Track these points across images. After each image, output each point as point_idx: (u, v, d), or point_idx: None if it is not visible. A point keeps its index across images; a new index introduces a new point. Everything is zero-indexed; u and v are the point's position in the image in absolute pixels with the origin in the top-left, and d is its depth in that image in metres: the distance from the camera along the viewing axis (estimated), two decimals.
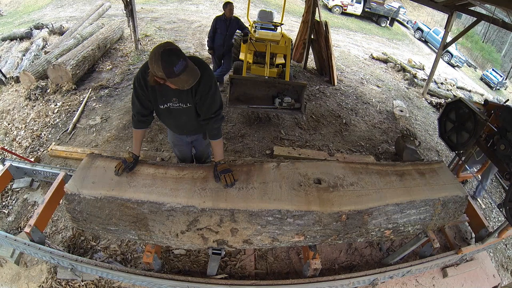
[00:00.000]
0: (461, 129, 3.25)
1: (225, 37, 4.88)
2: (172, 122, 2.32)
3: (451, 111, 3.39)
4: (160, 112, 2.19)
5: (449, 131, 3.43)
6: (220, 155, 2.27)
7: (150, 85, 1.86)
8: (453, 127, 3.36)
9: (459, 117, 3.26)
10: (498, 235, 2.88)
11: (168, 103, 2.06)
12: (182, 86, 1.75)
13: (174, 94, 1.99)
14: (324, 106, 5.68)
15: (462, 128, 3.23)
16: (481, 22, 5.31)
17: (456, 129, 3.31)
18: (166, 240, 2.19)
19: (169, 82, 1.73)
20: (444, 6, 5.57)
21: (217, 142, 2.26)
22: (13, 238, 2.53)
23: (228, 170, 2.19)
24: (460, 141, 3.27)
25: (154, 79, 1.76)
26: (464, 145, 3.24)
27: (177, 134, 2.53)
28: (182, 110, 2.11)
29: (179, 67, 1.65)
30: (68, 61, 5.21)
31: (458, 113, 3.28)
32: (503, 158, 2.83)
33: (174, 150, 2.86)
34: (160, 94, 2.00)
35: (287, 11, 11.17)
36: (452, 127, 3.37)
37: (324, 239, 2.29)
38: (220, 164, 2.23)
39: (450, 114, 3.41)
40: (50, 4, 12.54)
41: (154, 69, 1.68)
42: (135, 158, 2.27)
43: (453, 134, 3.37)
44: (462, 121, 3.21)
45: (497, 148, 2.89)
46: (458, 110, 3.28)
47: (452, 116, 3.38)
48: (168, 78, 1.68)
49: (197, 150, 2.80)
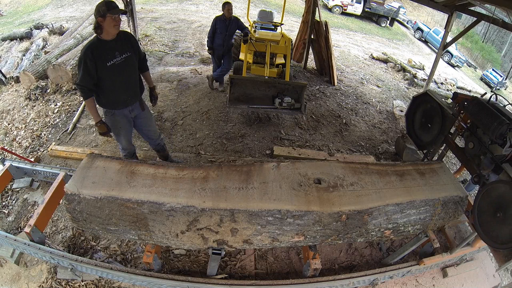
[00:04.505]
0: (429, 126, 2.93)
1: (225, 37, 4.88)
2: (118, 79, 2.61)
3: (419, 106, 3.06)
4: (108, 73, 2.51)
5: (417, 128, 3.11)
6: (152, 82, 3.12)
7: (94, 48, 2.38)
8: (421, 124, 3.03)
9: (427, 112, 2.94)
10: (472, 245, 2.68)
11: (113, 60, 2.49)
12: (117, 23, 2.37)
13: (115, 48, 2.49)
14: (324, 106, 5.67)
15: (431, 125, 2.90)
16: (481, 22, 5.30)
17: (424, 126, 2.99)
18: (166, 240, 2.19)
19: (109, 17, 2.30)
20: (444, 6, 5.57)
21: (148, 72, 3.03)
22: (13, 238, 2.53)
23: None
24: (428, 139, 2.96)
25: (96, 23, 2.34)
26: (431, 143, 2.92)
27: (120, 106, 2.75)
28: (125, 61, 2.57)
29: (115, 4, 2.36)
30: (68, 61, 5.20)
31: (426, 108, 2.95)
32: (472, 158, 2.53)
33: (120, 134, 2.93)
34: (104, 54, 2.44)
35: (287, 11, 11.17)
36: (420, 124, 3.05)
37: (324, 239, 2.29)
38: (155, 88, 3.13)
39: (418, 110, 3.08)
40: (50, 4, 12.54)
41: (98, 9, 2.30)
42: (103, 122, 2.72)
43: (421, 131, 3.05)
44: (430, 116, 2.90)
45: (466, 146, 2.58)
46: (425, 105, 2.95)
47: (420, 111, 3.05)
48: (108, 11, 2.28)
49: (142, 125, 3.07)
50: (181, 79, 5.85)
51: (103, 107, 2.74)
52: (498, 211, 2.01)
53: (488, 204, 2.12)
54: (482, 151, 2.43)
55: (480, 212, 2.16)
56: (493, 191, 2.10)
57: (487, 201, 2.13)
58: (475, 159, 2.50)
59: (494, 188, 2.10)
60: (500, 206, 2.01)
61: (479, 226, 2.14)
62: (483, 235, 2.11)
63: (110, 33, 2.42)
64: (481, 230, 2.13)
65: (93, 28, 2.44)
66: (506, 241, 1.92)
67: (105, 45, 2.44)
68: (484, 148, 2.38)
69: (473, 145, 2.48)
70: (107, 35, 2.42)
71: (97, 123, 2.68)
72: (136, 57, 2.71)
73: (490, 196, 2.12)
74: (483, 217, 2.13)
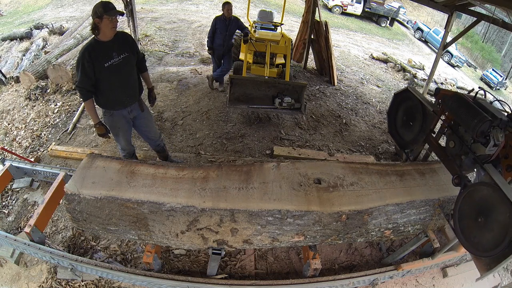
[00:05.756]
0: (411, 124, 2.78)
1: (225, 37, 4.88)
2: (117, 80, 2.60)
3: (400, 104, 2.92)
4: (106, 74, 2.50)
5: (399, 126, 2.97)
6: (151, 82, 3.12)
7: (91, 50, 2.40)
8: (403, 122, 2.89)
9: (409, 109, 2.80)
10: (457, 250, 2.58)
11: (111, 60, 2.49)
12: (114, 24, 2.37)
13: (113, 49, 2.49)
14: (324, 106, 5.67)
15: (413, 122, 2.76)
16: (481, 22, 5.29)
17: (406, 124, 2.85)
18: (166, 240, 2.19)
19: (105, 18, 2.30)
20: (444, 6, 5.56)
21: (147, 73, 3.01)
22: (13, 238, 2.54)
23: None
24: (410, 137, 2.82)
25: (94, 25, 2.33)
26: (412, 142, 2.78)
27: (119, 107, 2.75)
28: (123, 62, 2.56)
29: (112, 5, 2.36)
30: (68, 61, 5.21)
31: (407, 105, 2.81)
32: (453, 158, 2.36)
33: (119, 135, 2.92)
34: (102, 55, 2.44)
35: (287, 11, 11.16)
36: (402, 122, 2.91)
37: (324, 239, 2.29)
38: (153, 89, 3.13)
39: (400, 107, 2.95)
40: (50, 4, 12.54)
41: (95, 10, 2.29)
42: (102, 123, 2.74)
43: (403, 129, 2.91)
44: (412, 114, 2.76)
45: (446, 145, 2.42)
46: (407, 102, 2.82)
47: (401, 109, 2.92)
48: (105, 12, 2.28)
49: (142, 126, 3.06)
50: (181, 79, 5.86)
51: (102, 108, 2.74)
52: (480, 216, 1.87)
53: (469, 208, 1.97)
54: (464, 151, 2.26)
55: (461, 216, 2.01)
56: (475, 194, 1.95)
57: (468, 204, 1.99)
58: (456, 159, 2.33)
59: (476, 190, 1.95)
60: (481, 211, 1.88)
61: (460, 231, 2.01)
62: (464, 241, 1.98)
63: (107, 34, 2.42)
64: (462, 236, 2.00)
65: (90, 29, 2.45)
66: (488, 248, 1.79)
67: (102, 46, 2.44)
68: (465, 147, 2.22)
69: (454, 144, 2.31)
70: (104, 36, 2.42)
71: (96, 125, 2.69)
72: (134, 57, 2.71)
73: (472, 199, 1.97)
74: (464, 221, 1.99)
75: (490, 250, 1.78)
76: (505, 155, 2.04)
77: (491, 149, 2.05)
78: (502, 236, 1.70)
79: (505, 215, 1.71)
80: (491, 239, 1.78)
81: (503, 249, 1.69)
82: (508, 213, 1.69)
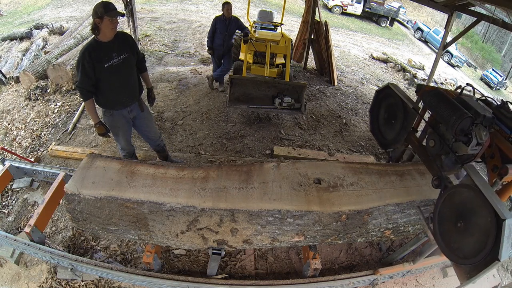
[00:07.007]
0: (393, 122, 2.69)
1: (225, 37, 4.88)
2: (117, 80, 2.60)
3: (382, 101, 2.83)
4: (106, 74, 2.51)
5: (381, 124, 2.86)
6: (150, 83, 3.10)
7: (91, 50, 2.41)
8: (385, 120, 2.80)
9: (390, 107, 2.71)
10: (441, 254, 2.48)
11: (111, 61, 2.50)
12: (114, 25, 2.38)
13: (113, 49, 2.49)
14: (324, 106, 5.67)
15: (394, 121, 2.66)
16: (481, 22, 5.30)
17: (388, 122, 2.75)
18: (166, 240, 2.19)
19: (106, 18, 2.30)
20: (444, 6, 5.56)
21: (146, 73, 3.01)
22: (13, 238, 2.54)
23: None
24: (391, 136, 2.72)
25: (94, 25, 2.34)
26: (393, 141, 2.68)
27: (119, 107, 2.75)
28: (123, 62, 2.57)
29: (113, 6, 2.37)
30: (68, 61, 5.20)
31: (389, 103, 2.72)
32: (433, 157, 2.24)
33: (119, 135, 2.93)
34: (102, 56, 2.45)
35: (287, 11, 11.16)
36: (384, 120, 2.82)
37: (324, 239, 2.29)
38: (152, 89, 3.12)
39: (382, 105, 2.85)
40: (50, 4, 12.53)
41: (96, 10, 2.29)
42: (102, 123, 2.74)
43: (385, 127, 2.82)
44: (393, 112, 2.67)
45: (427, 145, 2.29)
46: (388, 99, 2.73)
47: (383, 106, 2.82)
48: (105, 13, 2.28)
49: (142, 126, 3.06)
50: (181, 79, 5.86)
51: (102, 107, 2.74)
52: (460, 220, 1.76)
53: (449, 211, 1.86)
54: (445, 150, 2.13)
55: (441, 220, 1.89)
56: (455, 196, 1.84)
57: (448, 207, 1.87)
58: (436, 159, 2.19)
59: (456, 192, 1.84)
60: (462, 214, 1.76)
61: (439, 236, 1.88)
62: (444, 247, 1.86)
63: (107, 34, 2.43)
64: (441, 241, 1.87)
65: (90, 29, 2.45)
66: (469, 255, 1.68)
67: (102, 46, 2.45)
68: (446, 146, 2.09)
69: (434, 143, 2.16)
70: (104, 36, 2.43)
71: (96, 124, 2.70)
72: (134, 58, 2.71)
73: (452, 202, 1.86)
74: (444, 226, 1.87)
75: (471, 257, 1.67)
76: (491, 155, 1.93)
77: (474, 148, 1.89)
78: (483, 242, 1.61)
79: (486, 219, 1.60)
80: (472, 245, 1.68)
81: (484, 256, 1.60)
82: (489, 217, 1.58)
